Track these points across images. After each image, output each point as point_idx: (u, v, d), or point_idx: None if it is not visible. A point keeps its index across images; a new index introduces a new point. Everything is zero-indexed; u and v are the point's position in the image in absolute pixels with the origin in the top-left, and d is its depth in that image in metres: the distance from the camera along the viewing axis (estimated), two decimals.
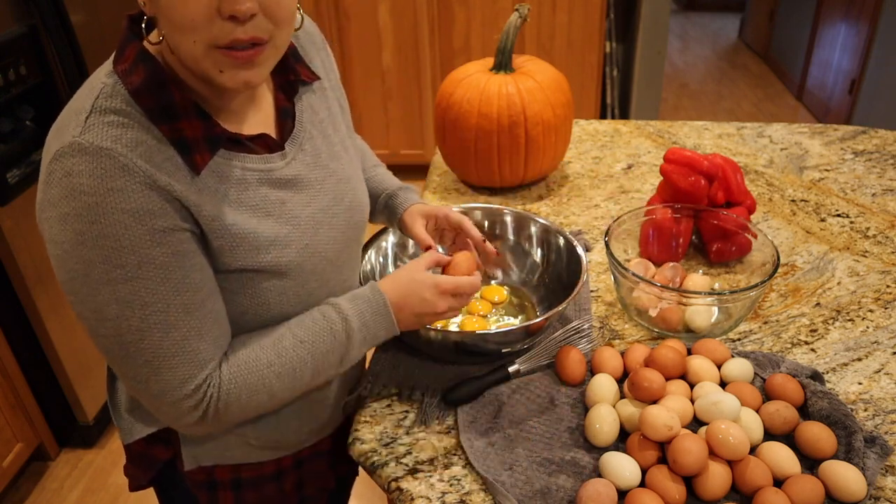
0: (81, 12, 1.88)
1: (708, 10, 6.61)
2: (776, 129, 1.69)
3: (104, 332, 0.68)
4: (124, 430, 0.89)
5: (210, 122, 0.70)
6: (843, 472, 0.75)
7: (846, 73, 3.80)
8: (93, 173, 0.62)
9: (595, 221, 1.32)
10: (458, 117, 1.35)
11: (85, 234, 0.63)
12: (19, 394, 1.85)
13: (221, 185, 0.71)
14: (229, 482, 0.90)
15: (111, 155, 0.63)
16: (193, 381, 0.71)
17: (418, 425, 0.89)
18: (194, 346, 0.70)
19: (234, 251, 0.72)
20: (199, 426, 0.74)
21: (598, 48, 3.09)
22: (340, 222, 0.83)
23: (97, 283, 0.65)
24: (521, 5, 1.35)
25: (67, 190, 0.63)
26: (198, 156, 0.69)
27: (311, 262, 0.79)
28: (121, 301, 0.66)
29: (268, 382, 0.75)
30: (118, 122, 0.65)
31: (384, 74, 3.19)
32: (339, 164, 0.85)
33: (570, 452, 0.82)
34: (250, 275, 0.75)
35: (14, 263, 1.70)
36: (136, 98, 0.67)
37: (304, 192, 0.79)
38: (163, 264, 0.66)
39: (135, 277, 0.65)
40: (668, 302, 0.98)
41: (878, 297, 1.09)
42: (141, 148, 0.65)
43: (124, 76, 0.68)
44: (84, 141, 0.63)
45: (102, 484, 1.97)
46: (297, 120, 0.81)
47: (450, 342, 0.91)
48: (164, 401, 0.71)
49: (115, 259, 0.64)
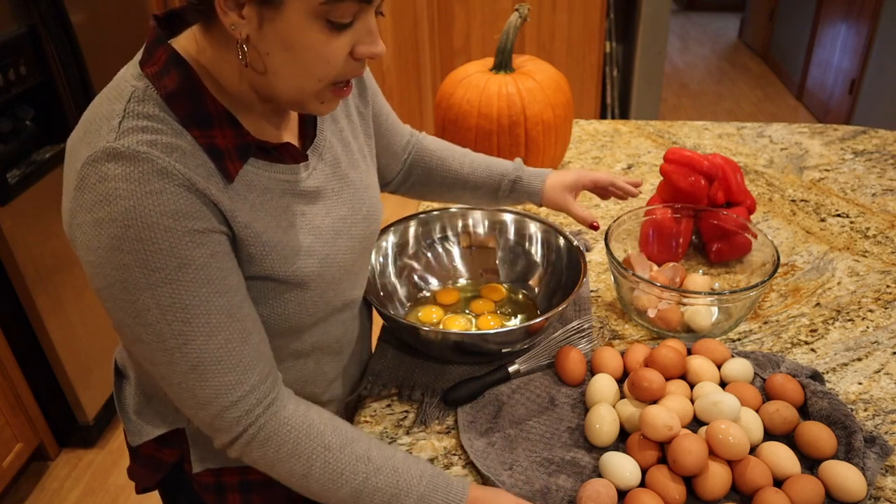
0: (81, 12, 1.88)
1: (708, 10, 6.61)
2: (776, 129, 1.69)
3: (147, 339, 0.66)
4: (133, 432, 0.88)
5: (241, 130, 0.69)
6: (843, 472, 0.75)
7: (846, 73, 3.80)
8: (129, 177, 0.61)
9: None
10: (458, 117, 1.35)
11: (121, 238, 0.62)
12: (19, 394, 1.85)
13: (249, 194, 0.71)
14: (237, 485, 0.90)
15: (149, 159, 0.62)
16: (240, 387, 0.69)
17: (418, 425, 0.89)
18: (238, 350, 0.68)
19: (263, 260, 0.72)
20: (234, 446, 0.71)
21: (598, 48, 3.09)
22: (358, 232, 0.83)
23: (136, 288, 0.64)
24: (521, 5, 1.35)
25: (102, 195, 0.61)
26: (230, 163, 0.68)
27: (331, 272, 0.79)
28: (161, 305, 0.64)
29: (313, 460, 0.71)
30: (152, 128, 0.64)
31: (384, 74, 3.19)
32: (357, 172, 0.84)
33: (570, 452, 0.82)
34: (273, 284, 0.74)
35: (14, 263, 1.70)
36: (169, 103, 0.66)
37: (324, 203, 0.79)
38: (202, 266, 0.65)
39: (174, 280, 0.64)
40: (668, 302, 0.98)
41: (878, 297, 1.09)
42: (177, 153, 0.64)
43: (155, 80, 0.66)
44: (120, 146, 0.62)
45: (102, 484, 1.97)
46: (318, 129, 0.81)
47: (450, 342, 0.91)
48: (209, 410, 0.69)
49: (153, 262, 0.63)
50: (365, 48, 0.66)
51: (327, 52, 0.64)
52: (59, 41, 1.75)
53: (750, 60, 5.30)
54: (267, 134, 0.75)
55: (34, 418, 1.92)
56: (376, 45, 0.67)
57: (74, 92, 1.82)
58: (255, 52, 0.65)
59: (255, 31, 0.63)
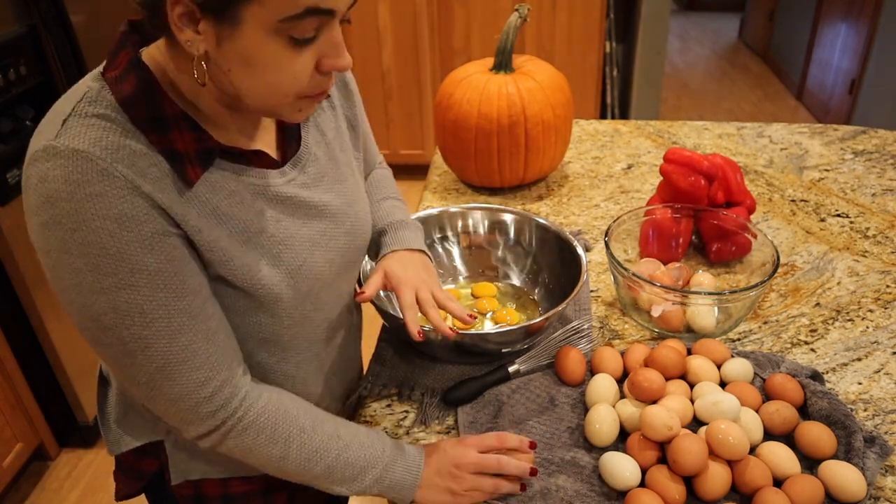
0: (81, 12, 1.88)
1: (708, 10, 6.61)
2: (776, 129, 1.69)
3: (107, 342, 0.64)
4: (112, 441, 0.87)
5: (203, 134, 0.66)
6: (843, 472, 0.75)
7: (846, 73, 3.80)
8: (68, 178, 0.58)
9: (595, 221, 1.32)
10: (458, 117, 1.35)
11: (68, 241, 0.59)
12: (19, 394, 1.85)
13: (214, 197, 0.68)
14: (218, 497, 0.88)
15: (88, 158, 0.58)
16: (210, 383, 0.68)
17: (418, 425, 0.89)
18: (204, 349, 0.67)
19: (222, 265, 0.69)
20: (208, 437, 0.71)
21: (598, 48, 3.09)
22: (340, 245, 0.80)
23: (90, 292, 0.61)
24: (521, 5, 1.35)
25: (44, 197, 0.59)
26: (189, 168, 0.65)
27: (306, 283, 0.76)
28: (118, 310, 0.62)
29: (289, 443, 0.73)
30: (99, 125, 0.61)
31: (384, 74, 3.19)
32: (343, 186, 0.82)
33: (570, 452, 0.82)
34: (240, 292, 0.72)
35: (14, 263, 1.70)
36: (123, 107, 0.62)
37: (301, 212, 0.76)
38: (158, 270, 0.63)
39: (129, 286, 0.62)
40: (672, 304, 0.98)
41: (877, 297, 1.09)
42: (123, 152, 0.60)
43: (113, 83, 0.63)
44: (59, 144, 0.59)
45: (102, 484, 1.97)
46: (302, 141, 0.78)
47: (450, 342, 0.91)
48: (180, 406, 0.68)
49: (104, 267, 0.60)
50: (330, 62, 0.63)
51: (291, 68, 0.62)
52: (59, 41, 1.75)
53: (750, 60, 5.30)
54: (235, 140, 0.72)
55: (34, 418, 1.92)
56: (342, 58, 0.64)
57: None
58: (217, 67, 0.62)
59: (214, 48, 0.60)
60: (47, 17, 1.71)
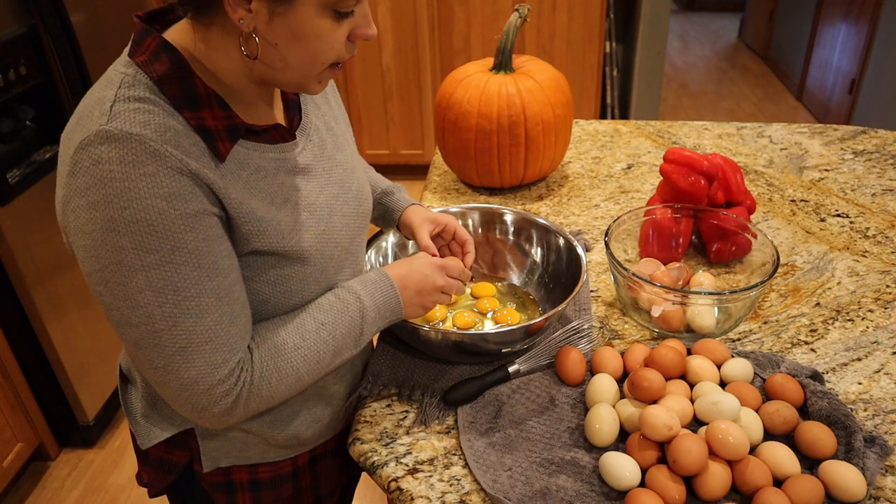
0: (81, 12, 1.89)
1: (708, 10, 6.61)
2: (776, 129, 1.69)
3: (136, 321, 0.67)
4: (142, 435, 0.88)
5: (230, 112, 0.71)
6: (843, 472, 0.75)
7: (846, 73, 3.80)
8: (123, 159, 0.62)
9: (595, 221, 1.32)
10: (458, 117, 1.35)
11: (116, 220, 0.63)
12: (19, 394, 1.85)
13: (243, 173, 0.72)
14: (247, 483, 0.91)
15: (142, 140, 0.63)
16: (226, 366, 0.71)
17: (418, 425, 0.89)
18: (226, 331, 0.70)
19: (260, 236, 0.73)
20: (227, 415, 0.74)
21: (598, 48, 3.09)
22: (350, 210, 0.85)
23: (130, 269, 0.65)
24: (521, 5, 1.35)
25: (96, 178, 0.63)
26: (220, 144, 0.70)
27: (329, 247, 0.81)
28: (154, 287, 0.65)
29: (295, 365, 0.77)
30: (144, 109, 0.65)
31: (384, 74, 3.19)
32: (343, 154, 0.88)
33: (570, 452, 0.82)
34: (274, 260, 0.76)
35: (14, 263, 1.70)
36: (160, 86, 0.67)
37: (317, 180, 0.81)
38: (195, 249, 0.67)
39: (168, 262, 0.65)
40: (672, 304, 0.98)
41: (877, 297, 1.09)
42: (169, 133, 0.65)
43: (145, 66, 0.68)
44: (112, 128, 0.63)
45: (102, 484, 1.97)
46: (303, 112, 0.84)
47: (450, 342, 0.91)
48: (195, 389, 0.70)
49: (148, 244, 0.64)
50: (362, 31, 0.72)
51: (332, 38, 0.69)
52: (59, 41, 1.75)
53: (750, 60, 5.30)
54: (256, 117, 0.77)
55: (34, 418, 1.92)
56: (370, 27, 0.72)
57: (74, 92, 1.82)
58: (263, 42, 0.67)
59: (265, 25, 0.66)
60: (47, 17, 1.71)
